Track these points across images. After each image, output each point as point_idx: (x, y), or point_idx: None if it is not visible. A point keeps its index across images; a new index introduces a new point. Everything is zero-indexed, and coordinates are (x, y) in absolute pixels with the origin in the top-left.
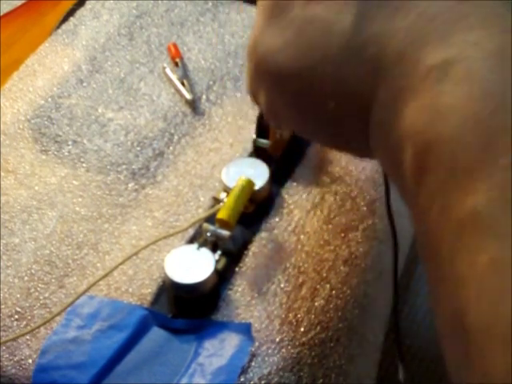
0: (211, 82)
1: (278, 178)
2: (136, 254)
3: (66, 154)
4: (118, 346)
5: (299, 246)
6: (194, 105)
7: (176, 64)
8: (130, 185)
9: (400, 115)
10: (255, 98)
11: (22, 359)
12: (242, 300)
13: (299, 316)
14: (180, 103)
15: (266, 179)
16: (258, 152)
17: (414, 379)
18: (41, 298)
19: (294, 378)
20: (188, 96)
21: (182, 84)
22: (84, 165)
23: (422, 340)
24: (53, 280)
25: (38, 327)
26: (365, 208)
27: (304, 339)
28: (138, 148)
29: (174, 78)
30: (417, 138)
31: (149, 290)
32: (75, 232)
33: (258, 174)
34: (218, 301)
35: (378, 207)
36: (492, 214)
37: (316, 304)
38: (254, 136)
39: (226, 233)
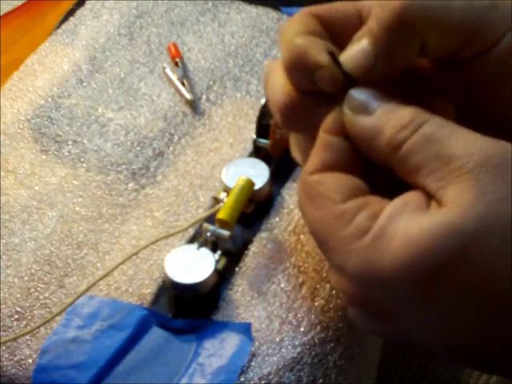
0: (211, 82)
1: (278, 178)
2: (136, 253)
3: (66, 153)
4: (118, 346)
5: (299, 246)
6: (194, 105)
7: (176, 64)
8: (130, 185)
9: None
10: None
11: (22, 359)
12: (242, 300)
13: (299, 316)
14: (180, 103)
15: (266, 179)
16: (257, 152)
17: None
18: (41, 297)
19: (293, 378)
20: (188, 96)
21: (182, 84)
22: (84, 165)
23: None
24: (53, 280)
25: (38, 327)
26: None
27: (304, 339)
28: (138, 148)
29: (174, 77)
30: None
31: (149, 290)
32: (75, 232)
33: (258, 174)
34: (218, 301)
35: None
36: None
37: (316, 304)
38: (254, 136)
39: (226, 233)
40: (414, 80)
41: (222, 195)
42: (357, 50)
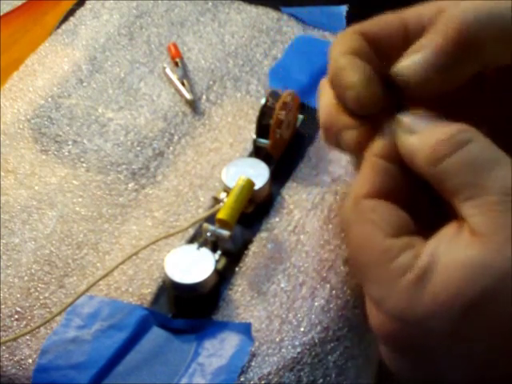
0: (211, 82)
1: (278, 178)
2: (136, 253)
3: (66, 153)
4: (118, 346)
5: (299, 246)
6: (194, 105)
7: (176, 64)
8: (130, 185)
9: None
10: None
11: (22, 359)
12: (242, 300)
13: (299, 316)
14: (180, 103)
15: (266, 179)
16: (257, 152)
17: None
18: (41, 297)
19: (293, 378)
20: (188, 96)
21: (182, 84)
22: (84, 165)
23: None
24: (53, 280)
25: (38, 327)
26: None
27: (304, 339)
28: (138, 148)
29: (174, 77)
30: None
31: (149, 290)
32: (75, 232)
33: (258, 174)
34: (218, 301)
35: None
36: None
37: (316, 304)
38: (254, 136)
39: (226, 233)
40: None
41: (222, 195)
42: (414, 60)
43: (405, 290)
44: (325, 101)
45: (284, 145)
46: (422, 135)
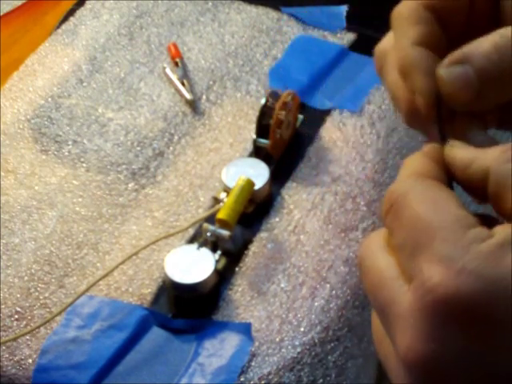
0: (211, 82)
1: (278, 178)
2: (136, 253)
3: (66, 153)
4: (118, 346)
5: (299, 246)
6: (194, 105)
7: (176, 64)
8: (130, 185)
9: None
10: None
11: (22, 359)
12: (242, 300)
13: (299, 316)
14: (180, 103)
15: (266, 179)
16: (257, 152)
17: None
18: (41, 297)
19: (293, 378)
20: (188, 96)
21: (182, 84)
22: (84, 165)
23: None
24: (53, 280)
25: (38, 327)
26: (365, 208)
27: (304, 339)
28: (138, 148)
29: (174, 77)
30: None
31: (149, 290)
32: (75, 232)
33: (258, 174)
34: (218, 301)
35: (377, 207)
36: None
37: (316, 304)
38: (254, 136)
39: (226, 233)
40: None
41: (222, 195)
42: (457, 74)
43: (487, 250)
44: (400, 86)
45: (284, 145)
46: (483, 149)
